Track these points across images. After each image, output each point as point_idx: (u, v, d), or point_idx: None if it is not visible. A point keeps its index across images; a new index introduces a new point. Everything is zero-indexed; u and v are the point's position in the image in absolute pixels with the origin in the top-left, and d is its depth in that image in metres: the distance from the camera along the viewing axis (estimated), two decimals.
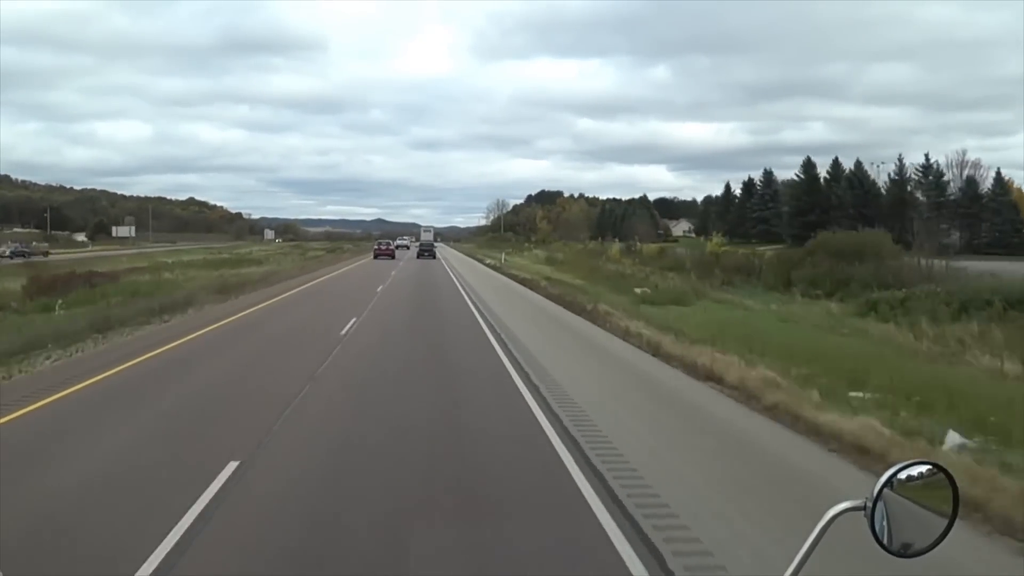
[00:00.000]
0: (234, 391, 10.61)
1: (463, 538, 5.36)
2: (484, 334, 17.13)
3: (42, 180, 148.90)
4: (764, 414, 9.52)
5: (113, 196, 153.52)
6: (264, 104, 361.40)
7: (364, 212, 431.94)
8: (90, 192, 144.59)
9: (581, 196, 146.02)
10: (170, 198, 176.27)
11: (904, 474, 1.79)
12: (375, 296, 26.89)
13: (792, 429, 8.77)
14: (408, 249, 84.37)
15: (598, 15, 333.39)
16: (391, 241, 77.93)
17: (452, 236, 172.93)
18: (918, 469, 1.81)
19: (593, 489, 6.46)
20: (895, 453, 6.75)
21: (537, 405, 9.84)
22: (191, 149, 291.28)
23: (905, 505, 1.77)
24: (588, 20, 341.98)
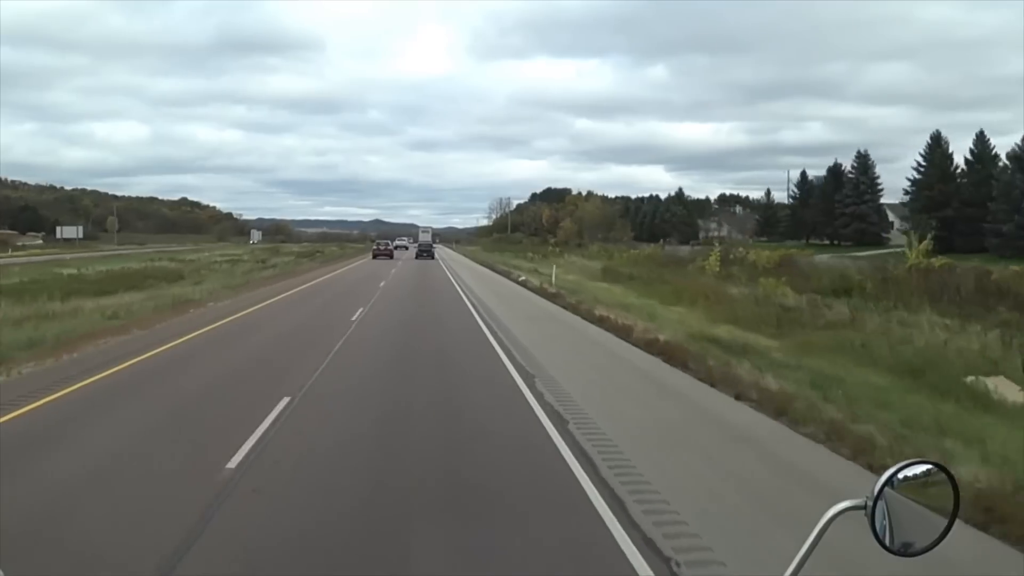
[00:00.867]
0: None
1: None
2: None
3: (40, 181, 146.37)
4: None
5: (99, 196, 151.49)
6: (261, 104, 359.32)
7: (361, 213, 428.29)
8: (71, 192, 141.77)
9: (590, 193, 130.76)
10: (163, 198, 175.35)
11: (904, 473, 1.80)
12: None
13: None
14: (407, 249, 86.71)
15: (596, 15, 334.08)
16: (390, 242, 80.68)
17: (450, 236, 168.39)
18: (918, 468, 1.82)
19: None
20: None
21: None
22: (188, 150, 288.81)
23: (905, 504, 1.78)
24: (586, 20, 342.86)
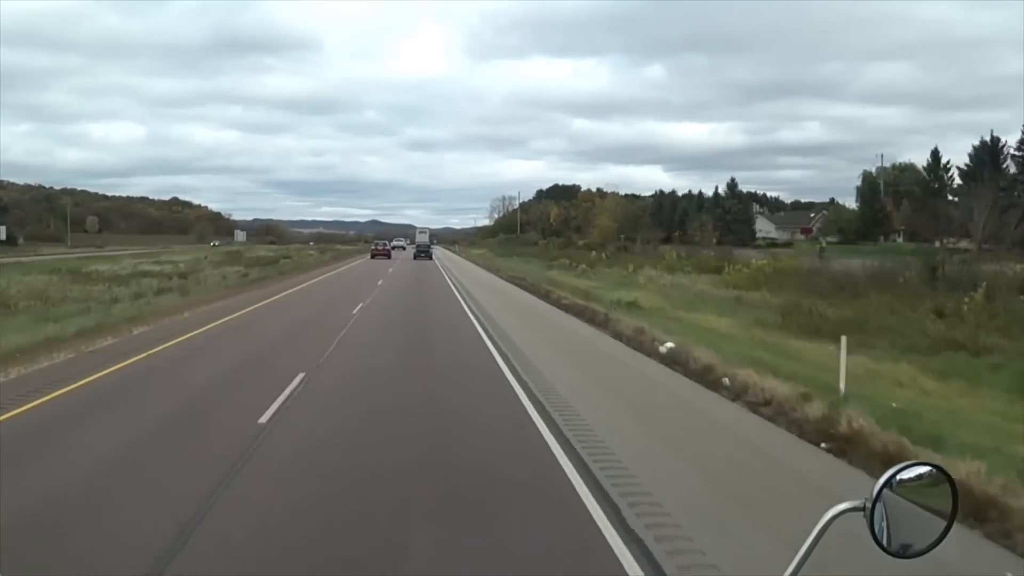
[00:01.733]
0: None
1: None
2: None
3: (39, 182, 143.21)
4: None
5: (87, 196, 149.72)
6: (257, 105, 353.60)
7: (359, 213, 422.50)
8: (49, 191, 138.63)
9: (600, 190, 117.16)
10: (153, 198, 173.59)
11: (903, 475, 1.80)
12: None
13: None
14: (404, 250, 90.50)
15: (593, 14, 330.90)
16: (387, 242, 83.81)
17: (447, 237, 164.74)
18: (917, 470, 1.83)
19: None
20: None
21: None
22: (185, 150, 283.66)
23: (904, 506, 1.78)
24: (583, 19, 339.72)
